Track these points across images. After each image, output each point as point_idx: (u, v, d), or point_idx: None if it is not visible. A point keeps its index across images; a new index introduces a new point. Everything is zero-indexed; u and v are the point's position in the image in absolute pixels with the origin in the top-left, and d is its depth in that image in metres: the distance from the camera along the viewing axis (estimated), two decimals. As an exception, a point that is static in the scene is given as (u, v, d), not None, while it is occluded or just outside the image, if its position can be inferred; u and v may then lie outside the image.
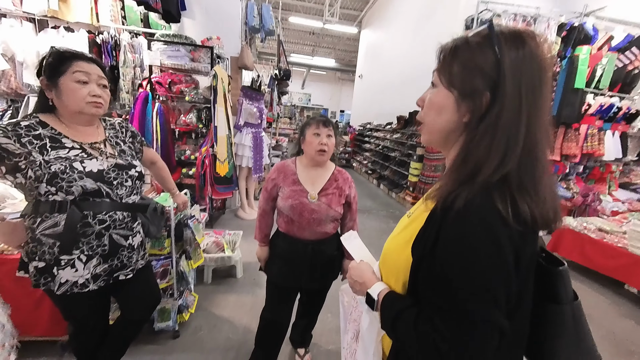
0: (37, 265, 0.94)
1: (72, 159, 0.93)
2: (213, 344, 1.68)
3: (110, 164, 1.01)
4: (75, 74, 0.93)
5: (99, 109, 0.99)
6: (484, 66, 0.47)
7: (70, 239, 0.94)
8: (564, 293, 0.53)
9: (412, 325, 0.49)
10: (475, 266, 0.44)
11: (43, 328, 1.42)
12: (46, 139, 0.92)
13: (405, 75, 6.29)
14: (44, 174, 0.88)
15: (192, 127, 2.95)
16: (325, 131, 1.22)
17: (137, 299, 1.20)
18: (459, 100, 0.50)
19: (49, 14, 2.79)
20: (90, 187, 0.94)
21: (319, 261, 1.28)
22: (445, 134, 0.54)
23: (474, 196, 0.45)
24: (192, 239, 1.67)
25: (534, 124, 0.47)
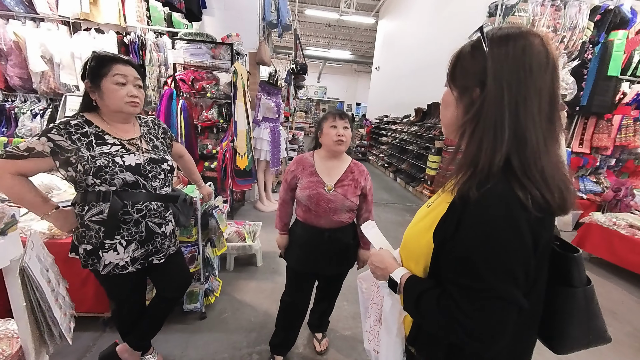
0: (86, 248, 1.06)
1: (114, 154, 1.03)
2: (236, 325, 1.80)
3: (146, 158, 1.11)
4: (115, 77, 1.02)
5: (136, 108, 1.09)
6: (475, 66, 0.54)
7: (113, 225, 1.05)
8: (577, 278, 0.56)
9: (435, 303, 0.54)
10: (496, 247, 0.48)
11: (88, 305, 1.58)
12: (92, 136, 1.02)
13: (423, 65, 6.13)
14: (90, 167, 0.99)
15: (213, 122, 3.08)
16: (341, 123, 1.28)
17: (170, 280, 1.31)
18: (459, 98, 0.57)
19: (81, 16, 2.97)
20: (129, 179, 1.05)
21: (335, 248, 1.35)
22: (453, 128, 0.60)
23: (494, 183, 0.49)
24: (217, 227, 1.78)
25: (523, 115, 0.50)
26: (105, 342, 1.57)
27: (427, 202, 0.73)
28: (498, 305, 0.48)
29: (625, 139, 3.60)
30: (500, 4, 3.53)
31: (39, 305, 0.75)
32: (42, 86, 3.06)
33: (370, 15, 10.13)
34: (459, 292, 0.51)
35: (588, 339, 0.57)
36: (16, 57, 2.94)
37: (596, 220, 2.86)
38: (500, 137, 0.50)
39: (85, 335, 1.61)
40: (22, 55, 2.93)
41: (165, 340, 1.62)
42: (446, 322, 0.52)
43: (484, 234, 0.49)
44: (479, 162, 0.51)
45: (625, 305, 2.32)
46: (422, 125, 5.38)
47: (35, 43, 2.88)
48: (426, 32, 6.20)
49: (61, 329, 0.79)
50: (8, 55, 2.93)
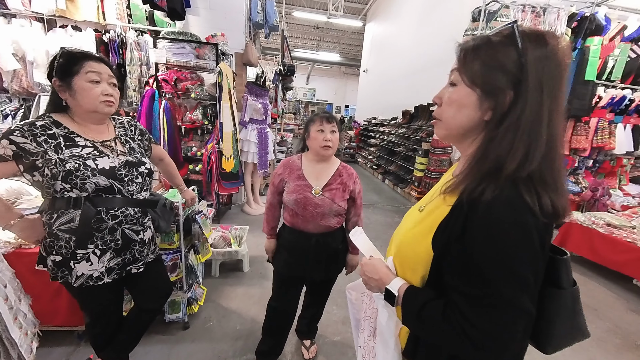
0: (55, 259, 0.98)
1: (85, 157, 0.96)
2: (222, 334, 1.74)
3: (121, 161, 1.04)
4: (88, 74, 0.96)
5: (111, 108, 1.02)
6: (506, 64, 0.49)
7: (85, 234, 0.98)
8: (566, 279, 0.56)
9: (439, 315, 0.51)
10: (507, 253, 0.46)
11: (61, 318, 1.48)
12: (60, 138, 0.95)
13: (410, 68, 6.22)
14: (59, 171, 0.91)
15: (198, 123, 2.99)
16: (329, 127, 1.24)
17: (149, 290, 1.24)
18: (481, 98, 0.52)
19: (57, 13, 2.84)
20: (102, 183, 0.98)
21: (322, 253, 1.31)
22: (464, 131, 0.56)
23: (501, 189, 0.47)
24: (200, 233, 1.71)
25: (554, 120, 0.49)
26: (80, 357, 1.48)
27: (418, 205, 0.71)
28: (509, 314, 0.47)
29: (602, 141, 3.74)
30: (483, 10, 3.62)
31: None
32: (14, 85, 2.89)
33: (357, 19, 10.22)
34: (466, 302, 0.49)
35: (572, 336, 0.57)
36: (-15, 55, 2.77)
37: (576, 220, 2.94)
38: (535, 144, 0.48)
39: (58, 350, 1.51)
40: (-8, 53, 2.76)
41: (145, 352, 1.54)
42: (453, 334, 0.49)
43: (494, 240, 0.47)
44: (503, 168, 0.48)
45: (605, 302, 2.39)
46: (410, 127, 5.44)
47: (7, 40, 2.72)
48: (413, 36, 6.29)
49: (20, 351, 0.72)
50: (-24, 53, 2.75)
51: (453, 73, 0.57)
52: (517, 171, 0.47)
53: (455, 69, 0.56)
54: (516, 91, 0.49)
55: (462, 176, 0.54)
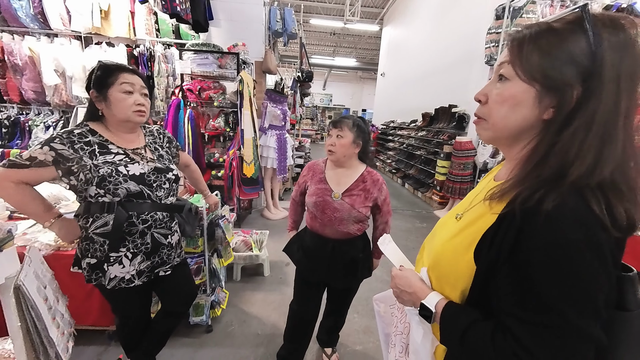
0: (90, 262, 1.03)
1: (118, 164, 1.01)
2: (243, 339, 1.74)
3: (151, 167, 1.08)
4: (122, 85, 1.01)
5: (142, 117, 1.07)
6: (575, 54, 0.42)
7: (118, 238, 1.02)
8: (633, 300, 0.48)
9: (489, 340, 0.46)
10: (575, 274, 0.40)
11: (93, 318, 1.55)
12: (95, 145, 1.00)
13: (428, 70, 6.09)
14: (93, 177, 0.96)
15: (220, 130, 3.08)
16: (334, 132, 1.24)
17: (175, 293, 1.27)
18: (541, 94, 0.45)
19: (93, 31, 3.05)
20: (133, 189, 1.02)
21: (340, 260, 1.29)
22: (518, 132, 0.50)
23: (564, 197, 0.41)
24: (223, 237, 1.74)
25: (631, 119, 0.42)
26: (110, 356, 1.54)
27: (453, 212, 0.64)
28: (576, 343, 0.41)
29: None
30: (508, 6, 3.48)
31: (34, 325, 0.71)
32: (55, 99, 3.13)
33: (374, 23, 10.21)
34: (523, 328, 0.43)
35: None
36: (31, 72, 3.03)
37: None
38: (610, 148, 0.41)
39: (90, 350, 1.57)
40: (36, 70, 3.02)
41: (171, 355, 1.58)
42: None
43: (558, 261, 0.41)
44: (566, 175, 0.43)
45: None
46: (430, 130, 5.30)
47: (49, 57, 2.96)
48: (431, 38, 6.17)
49: (57, 350, 0.75)
50: (23, 70, 3.01)
51: (503, 66, 0.50)
52: (585, 178, 0.41)
53: (506, 61, 0.50)
54: (586, 86, 0.42)
55: (514, 181, 0.48)
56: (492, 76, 0.54)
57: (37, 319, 0.71)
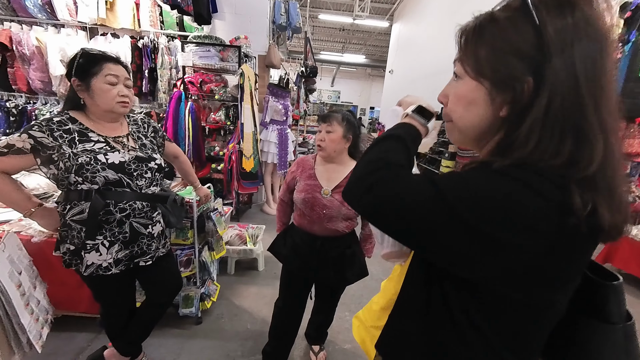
0: (69, 248, 1.04)
1: (97, 152, 1.00)
2: (233, 333, 1.74)
3: (131, 156, 1.07)
4: (107, 77, 1.00)
5: (126, 108, 1.07)
6: (520, 45, 0.39)
7: (94, 225, 1.02)
8: (616, 311, 0.45)
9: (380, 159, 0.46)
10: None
11: (85, 306, 1.57)
12: (75, 133, 1.00)
13: (436, 68, 5.97)
14: (72, 165, 0.96)
15: (220, 124, 3.08)
16: (324, 127, 1.22)
17: (159, 284, 1.27)
18: (492, 91, 0.42)
19: (99, 22, 3.08)
20: (112, 177, 1.01)
21: (328, 258, 1.27)
22: (479, 132, 0.47)
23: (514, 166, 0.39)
24: (214, 231, 1.74)
25: (602, 107, 0.38)
26: (100, 344, 1.55)
27: None
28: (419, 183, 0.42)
29: (661, 145, 3.29)
30: (520, 2, 3.36)
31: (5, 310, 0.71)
32: (61, 89, 3.18)
33: (384, 19, 10.04)
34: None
35: None
36: (38, 62, 3.07)
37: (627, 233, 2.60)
38: (581, 144, 0.38)
39: (81, 336, 1.60)
40: (44, 60, 3.06)
41: (159, 345, 1.59)
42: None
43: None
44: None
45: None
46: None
47: (56, 48, 3.00)
48: (440, 35, 6.04)
49: (29, 336, 0.75)
50: (31, 60, 3.06)
51: (455, 64, 0.48)
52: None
53: (456, 59, 0.47)
54: (538, 77, 0.38)
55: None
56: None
57: (7, 305, 0.71)
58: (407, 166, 0.46)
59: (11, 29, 3.02)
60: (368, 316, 0.63)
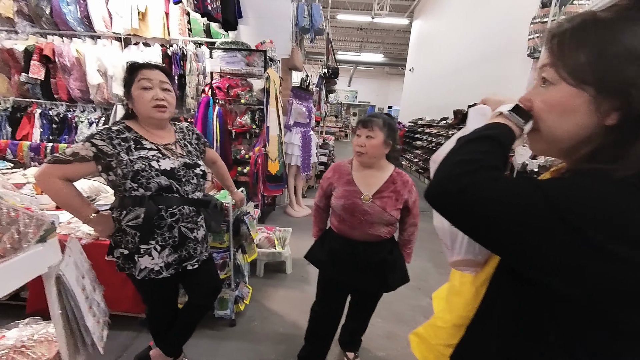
0: (123, 252, 1.08)
1: (150, 159, 1.04)
2: (264, 335, 1.76)
3: (180, 163, 1.11)
4: (141, 82, 1.03)
5: (163, 113, 1.07)
6: (635, 47, 0.36)
7: (148, 230, 1.06)
8: None
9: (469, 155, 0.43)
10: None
11: (127, 305, 1.64)
12: (131, 141, 1.04)
13: (461, 65, 5.77)
14: (129, 171, 1.00)
15: (246, 127, 3.13)
16: (364, 132, 1.18)
17: (201, 287, 1.30)
18: (597, 98, 0.39)
19: (132, 32, 3.22)
20: (164, 183, 1.05)
21: (369, 264, 1.25)
22: (575, 141, 0.43)
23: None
24: (248, 234, 1.76)
25: None
26: (142, 342, 1.62)
27: None
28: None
29: None
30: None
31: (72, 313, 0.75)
32: (98, 97, 3.36)
33: (404, 16, 9.86)
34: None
35: None
36: (77, 72, 3.26)
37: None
38: None
39: (124, 335, 1.66)
40: (82, 70, 3.25)
41: (196, 345, 1.62)
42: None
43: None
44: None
45: None
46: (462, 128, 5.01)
47: (93, 58, 3.17)
48: (466, 30, 5.83)
49: (93, 338, 0.79)
50: (71, 70, 3.26)
51: (545, 69, 0.44)
52: None
53: (547, 63, 0.43)
54: None
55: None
56: (535, 79, 0.47)
57: (75, 308, 0.75)
58: (502, 169, 0.43)
59: (54, 42, 3.22)
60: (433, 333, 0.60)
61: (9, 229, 0.63)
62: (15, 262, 0.64)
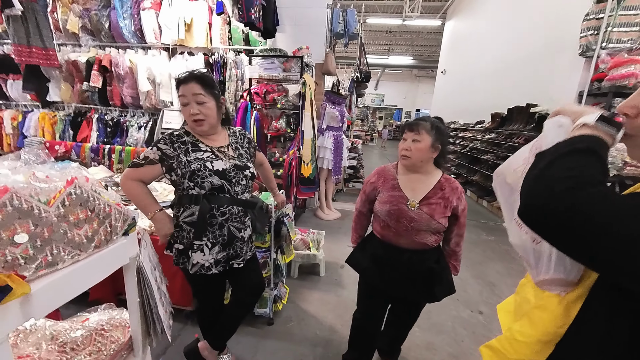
0: (179, 247, 1.16)
1: (205, 160, 1.12)
2: (302, 337, 1.78)
3: (232, 164, 1.17)
4: (180, 99, 1.12)
5: (201, 126, 1.13)
6: None
7: (202, 227, 1.12)
8: None
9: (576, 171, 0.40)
10: None
11: (176, 298, 1.72)
12: (189, 144, 1.13)
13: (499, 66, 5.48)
14: (187, 171, 1.09)
15: (281, 131, 3.22)
16: (410, 135, 1.15)
17: (246, 284, 1.35)
18: None
19: (178, 42, 3.46)
20: (216, 183, 1.12)
21: (414, 272, 1.21)
22: None
23: None
24: (287, 235, 1.80)
25: None
26: (188, 334, 1.71)
27: None
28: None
29: None
30: (615, -14, 2.92)
31: (148, 301, 0.81)
32: (146, 103, 3.63)
33: (436, 17, 9.61)
34: None
35: None
36: (130, 80, 3.56)
37: None
38: None
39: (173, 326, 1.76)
40: (134, 78, 3.54)
41: (237, 342, 1.68)
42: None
43: None
44: None
45: None
46: (501, 132, 4.76)
47: (144, 67, 3.45)
48: (505, 28, 5.54)
49: (163, 325, 0.85)
50: (124, 79, 3.56)
51: None
52: None
53: None
54: None
55: None
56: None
57: (150, 297, 0.81)
58: (605, 183, 0.40)
59: (110, 53, 3.55)
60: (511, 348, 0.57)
61: (104, 223, 0.70)
62: (107, 253, 0.72)
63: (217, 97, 1.16)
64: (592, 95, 3.24)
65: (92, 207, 0.66)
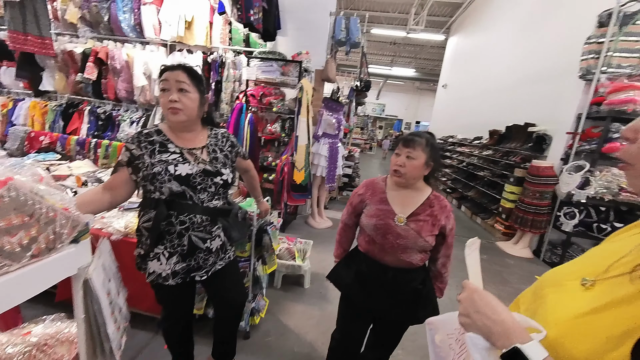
0: (140, 252, 1.09)
1: (169, 162, 1.02)
2: (279, 353, 1.68)
3: (199, 169, 1.06)
4: (160, 84, 1.02)
5: (176, 115, 1.01)
6: None
7: (155, 234, 1.04)
8: None
9: None
10: None
11: (147, 304, 1.64)
12: (157, 144, 1.03)
13: (501, 84, 5.49)
14: (149, 174, 1.00)
15: (276, 135, 3.16)
16: (404, 151, 1.10)
17: (222, 297, 1.26)
18: None
19: (177, 39, 3.41)
20: (175, 189, 1.01)
21: (398, 292, 1.14)
22: None
23: None
24: (270, 245, 1.72)
25: None
26: (158, 344, 1.61)
27: (574, 273, 0.50)
28: None
29: None
30: (617, 12, 2.93)
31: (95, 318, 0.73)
32: (141, 98, 3.56)
33: (440, 32, 9.71)
34: None
35: None
36: (125, 74, 3.50)
37: None
38: None
39: (142, 334, 1.67)
40: (130, 72, 3.47)
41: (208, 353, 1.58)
42: None
43: None
44: None
45: None
46: (498, 149, 4.74)
47: (141, 62, 3.39)
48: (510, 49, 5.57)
49: (112, 346, 0.76)
50: (120, 72, 3.50)
51: None
52: None
53: None
54: None
55: None
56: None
57: (98, 313, 0.73)
58: None
59: (108, 46, 3.49)
60: None
61: (46, 229, 0.62)
62: (49, 263, 0.64)
63: (202, 93, 1.08)
64: (590, 118, 3.23)
65: (30, 211, 0.59)
